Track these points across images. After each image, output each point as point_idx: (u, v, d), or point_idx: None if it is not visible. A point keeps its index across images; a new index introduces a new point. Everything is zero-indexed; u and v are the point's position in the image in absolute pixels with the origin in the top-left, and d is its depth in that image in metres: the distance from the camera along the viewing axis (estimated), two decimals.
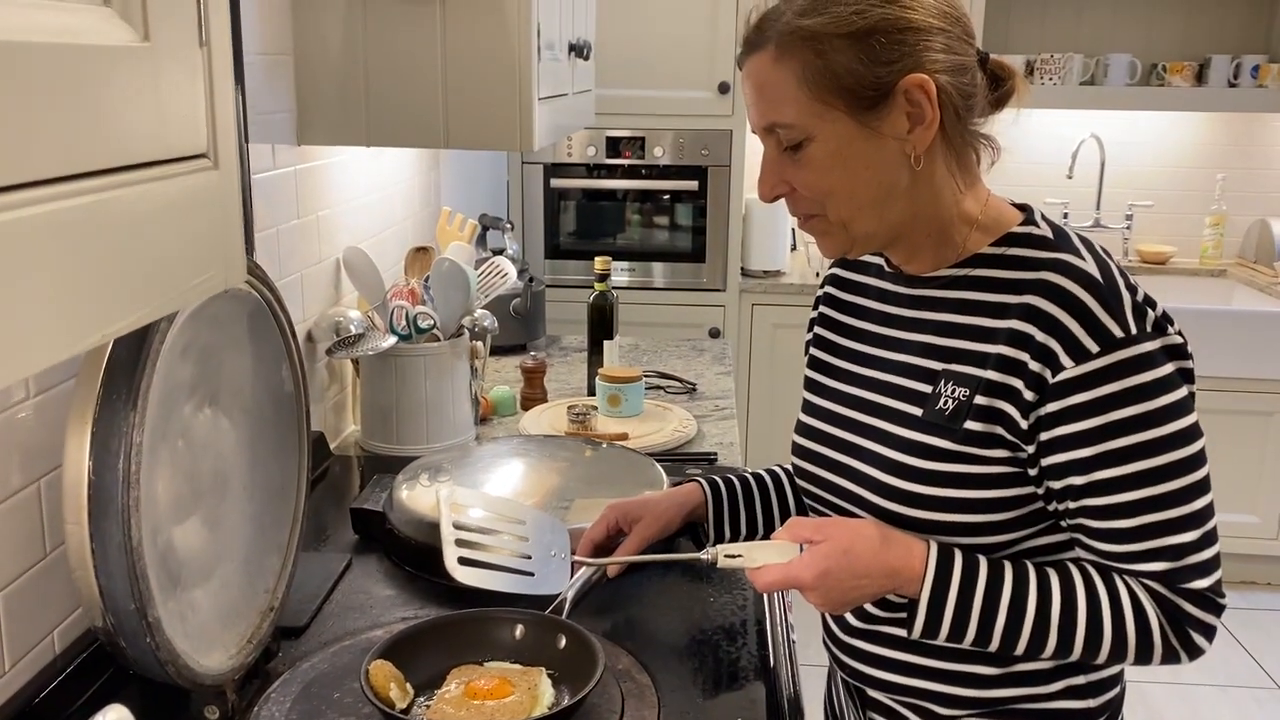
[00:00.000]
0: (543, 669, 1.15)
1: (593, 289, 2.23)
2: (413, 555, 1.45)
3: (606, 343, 2.20)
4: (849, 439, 1.14)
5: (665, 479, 1.57)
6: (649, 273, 3.56)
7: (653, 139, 3.43)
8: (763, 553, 1.09)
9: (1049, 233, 1.07)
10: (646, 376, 2.17)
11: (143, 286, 0.58)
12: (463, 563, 1.24)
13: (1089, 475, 0.99)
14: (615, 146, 3.45)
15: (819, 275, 1.27)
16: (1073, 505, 1.02)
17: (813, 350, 1.24)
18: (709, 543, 1.31)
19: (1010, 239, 1.07)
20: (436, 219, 2.52)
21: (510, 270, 2.14)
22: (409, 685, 1.10)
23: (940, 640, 1.04)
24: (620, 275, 3.51)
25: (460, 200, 2.98)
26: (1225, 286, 3.83)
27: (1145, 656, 1.01)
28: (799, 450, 1.21)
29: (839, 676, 1.26)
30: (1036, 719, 1.10)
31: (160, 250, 0.59)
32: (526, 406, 2.16)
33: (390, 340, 1.82)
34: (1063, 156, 3.73)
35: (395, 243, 2.33)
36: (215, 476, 1.13)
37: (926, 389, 1.08)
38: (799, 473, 1.21)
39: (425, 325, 1.86)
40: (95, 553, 0.92)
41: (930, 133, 1.01)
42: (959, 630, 1.03)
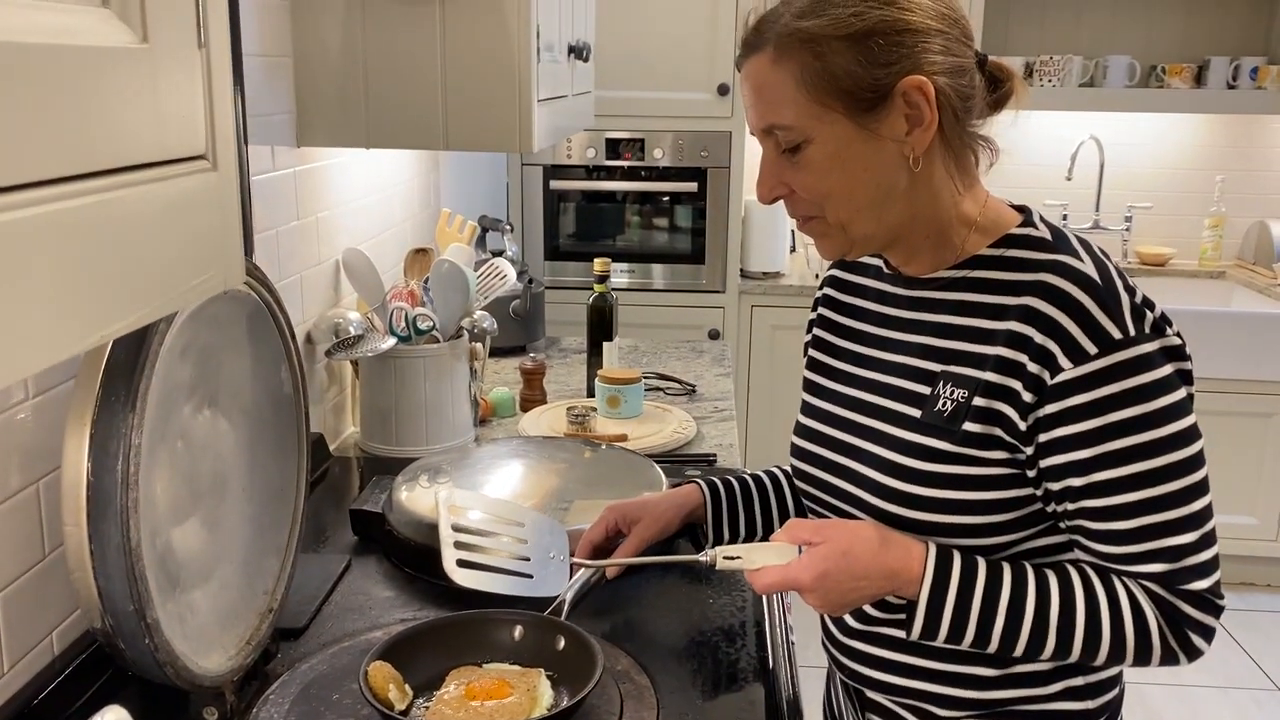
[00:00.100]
0: (542, 670, 1.15)
1: (592, 290, 2.23)
2: (412, 557, 1.45)
3: (606, 344, 2.20)
4: (847, 440, 1.14)
5: (664, 480, 1.57)
6: (648, 274, 3.56)
7: (652, 141, 3.43)
8: (761, 554, 1.09)
9: (1047, 234, 1.07)
10: (646, 378, 2.17)
11: (141, 287, 0.58)
12: (461, 564, 1.23)
13: (1088, 477, 0.99)
14: (615, 148, 3.45)
15: (818, 277, 1.27)
16: (1071, 507, 1.02)
17: (811, 352, 1.24)
18: (708, 544, 1.31)
19: (1009, 240, 1.07)
20: (436, 221, 2.52)
21: (509, 272, 2.13)
22: (408, 686, 1.10)
23: (939, 642, 1.04)
24: (620, 277, 3.51)
25: (460, 202, 2.98)
26: (1224, 288, 3.83)
27: (1144, 658, 1.01)
28: (797, 452, 1.21)
29: (838, 678, 1.26)
30: None
31: (159, 251, 0.59)
32: (526, 408, 2.16)
33: (389, 342, 1.83)
34: (1062, 158, 3.73)
35: (394, 244, 2.33)
36: (214, 478, 1.13)
37: (925, 390, 1.08)
38: (797, 474, 1.21)
39: (424, 327, 1.86)
40: (94, 554, 0.92)
41: (929, 134, 1.01)
42: (957, 632, 1.03)
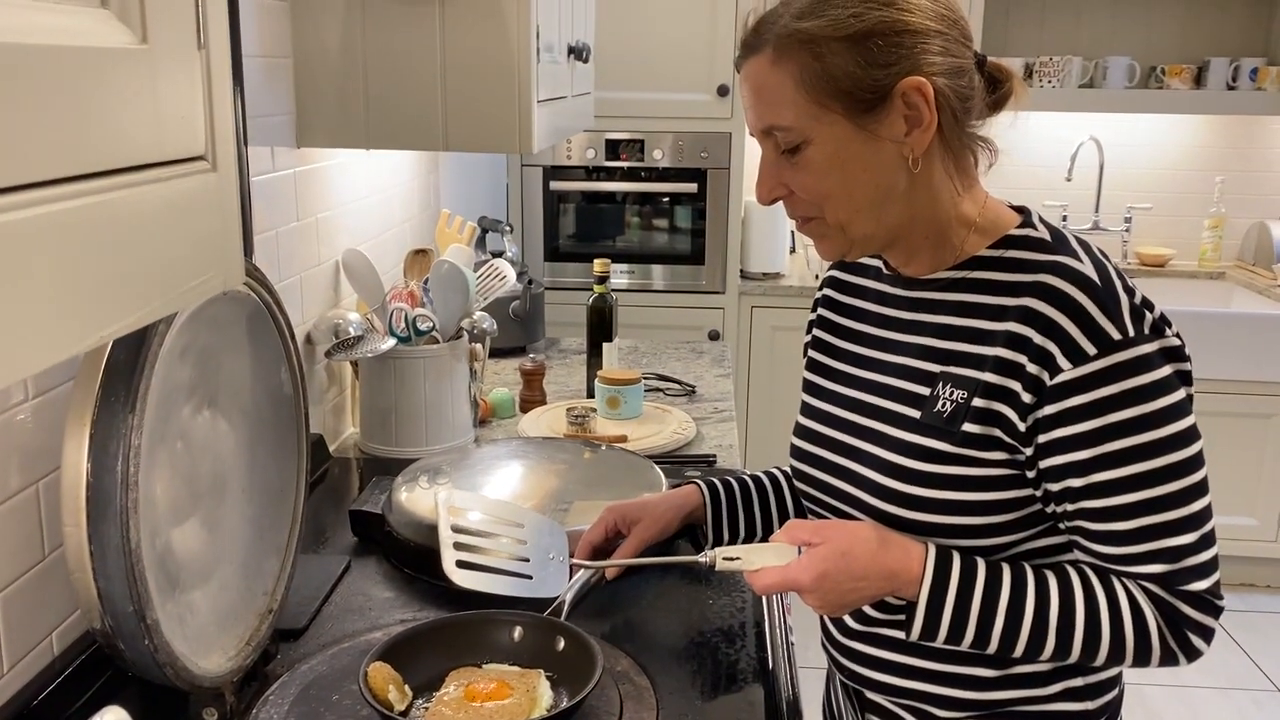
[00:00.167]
0: (541, 671, 1.15)
1: (592, 291, 2.23)
2: (412, 557, 1.45)
3: (606, 345, 2.20)
4: (847, 441, 1.14)
5: (664, 481, 1.57)
6: (648, 275, 3.56)
7: (652, 141, 3.43)
8: (761, 555, 1.09)
9: (1047, 235, 1.07)
10: (646, 379, 2.17)
11: (141, 288, 0.58)
12: (461, 565, 1.23)
13: (1087, 477, 0.99)
14: (614, 149, 3.45)
15: (818, 278, 1.27)
16: (1071, 507, 1.02)
17: (811, 353, 1.24)
18: (707, 545, 1.31)
19: (1008, 241, 1.07)
20: (436, 221, 2.52)
21: (509, 273, 2.14)
22: (407, 687, 1.10)
23: (938, 642, 1.04)
24: (619, 278, 3.51)
25: (459, 203, 2.98)
26: (1224, 289, 3.84)
27: (1143, 658, 1.01)
28: (797, 452, 1.21)
29: (837, 679, 1.26)
30: None
31: (158, 252, 0.59)
32: (525, 409, 2.16)
33: (389, 342, 1.83)
34: (1061, 159, 3.73)
35: (394, 245, 2.33)
36: (214, 479, 1.13)
37: (924, 391, 1.08)
38: (797, 475, 1.21)
39: (424, 327, 1.86)
40: (94, 555, 0.92)
41: (928, 135, 1.02)
42: (957, 632, 1.03)
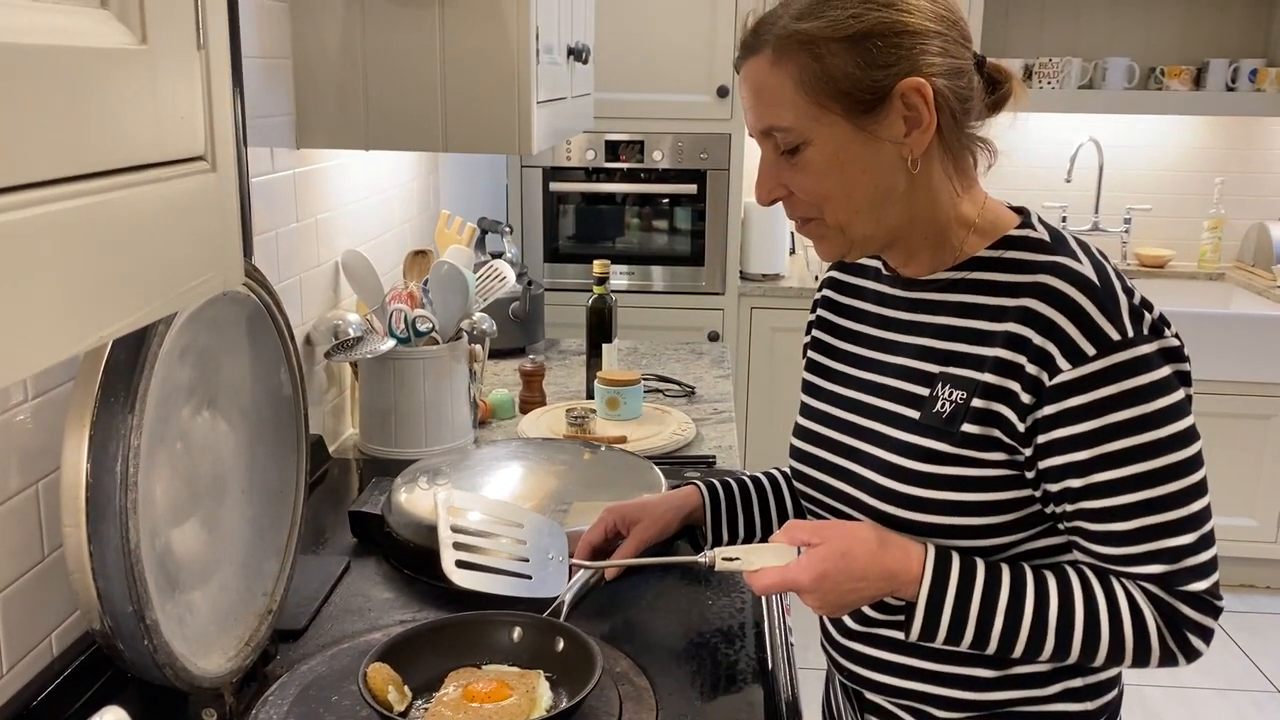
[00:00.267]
0: (541, 672, 1.15)
1: (591, 292, 2.23)
2: (411, 558, 1.45)
3: (605, 346, 2.20)
4: (846, 442, 1.14)
5: (663, 482, 1.57)
6: (648, 276, 3.56)
7: (651, 143, 3.43)
8: (760, 555, 1.09)
9: (1046, 236, 1.07)
10: (645, 380, 2.17)
11: (140, 288, 0.58)
12: (460, 565, 1.23)
13: (1086, 478, 0.99)
14: (614, 150, 3.45)
15: (817, 279, 1.27)
16: (1070, 508, 1.02)
17: (810, 353, 1.24)
18: (707, 545, 1.31)
19: (1007, 242, 1.07)
20: (435, 222, 2.52)
21: (509, 273, 2.14)
22: (407, 688, 1.10)
23: (938, 643, 1.04)
24: (619, 279, 3.51)
25: (459, 204, 2.99)
26: (1224, 290, 3.84)
27: (1143, 659, 1.02)
28: (796, 453, 1.21)
29: (837, 679, 1.26)
30: None
31: (158, 252, 0.60)
32: (525, 410, 2.16)
33: (389, 343, 1.83)
34: (1061, 160, 3.73)
35: (394, 246, 2.34)
36: (213, 479, 1.13)
37: (924, 392, 1.08)
38: (796, 475, 1.21)
39: (424, 328, 1.86)
40: (93, 555, 0.92)
41: (927, 136, 1.02)
42: (956, 633, 1.03)
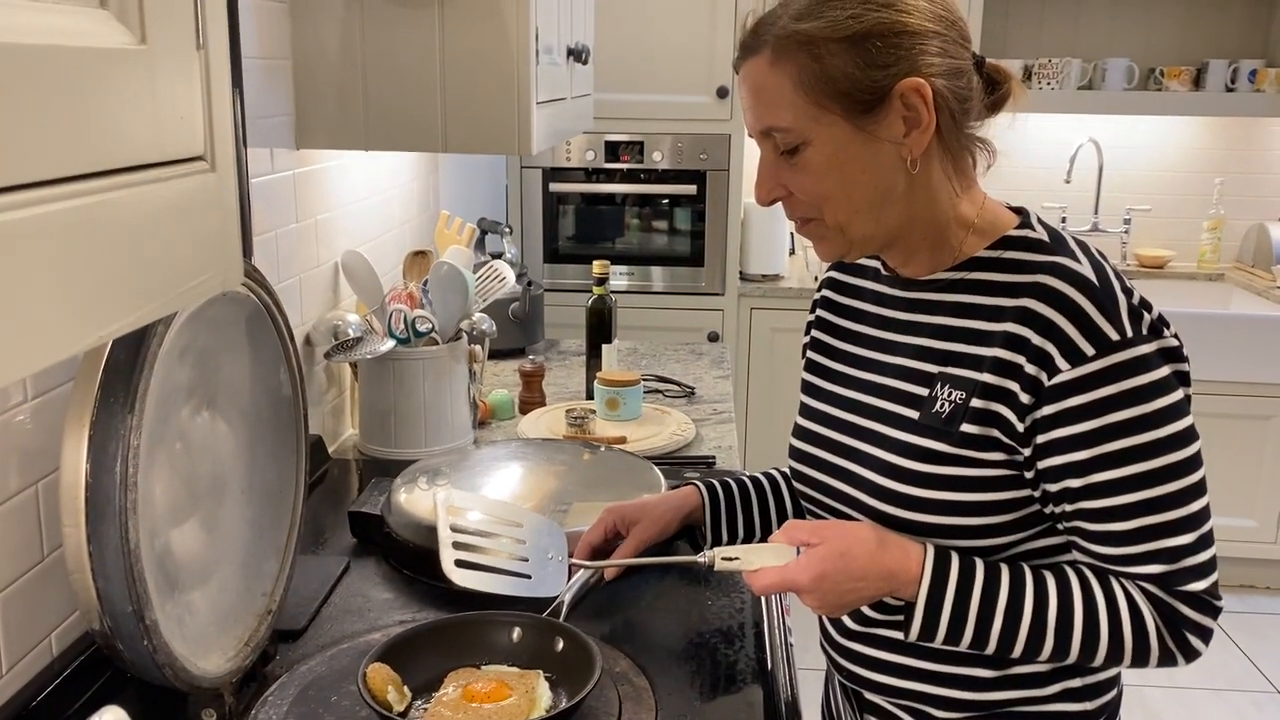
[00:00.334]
0: (540, 672, 1.15)
1: (591, 293, 2.23)
2: (411, 558, 1.45)
3: (605, 346, 2.20)
4: (845, 442, 1.14)
5: (663, 482, 1.57)
6: (648, 277, 3.56)
7: (651, 143, 3.43)
8: (759, 555, 1.09)
9: (1045, 236, 1.07)
10: (645, 380, 2.17)
11: (140, 288, 0.58)
12: (460, 565, 1.23)
13: (1085, 478, 0.99)
14: (614, 151, 3.45)
15: (817, 279, 1.27)
16: (1069, 508, 1.02)
17: (809, 354, 1.24)
18: (706, 546, 1.31)
19: (1006, 242, 1.07)
20: (435, 223, 2.52)
21: (509, 274, 2.14)
22: (406, 688, 1.10)
23: (937, 643, 1.04)
24: (619, 279, 3.51)
25: (459, 204, 2.99)
26: (1223, 291, 3.84)
27: (1142, 659, 1.02)
28: (795, 453, 1.21)
29: (836, 679, 1.26)
30: None
31: (157, 252, 0.60)
32: (525, 410, 2.16)
33: (388, 344, 1.83)
34: (1061, 161, 3.73)
35: (394, 246, 2.34)
36: (213, 479, 1.13)
37: (923, 392, 1.08)
38: (796, 476, 1.21)
39: (423, 329, 1.86)
40: (93, 555, 0.92)
41: (926, 136, 1.02)
42: (955, 633, 1.03)
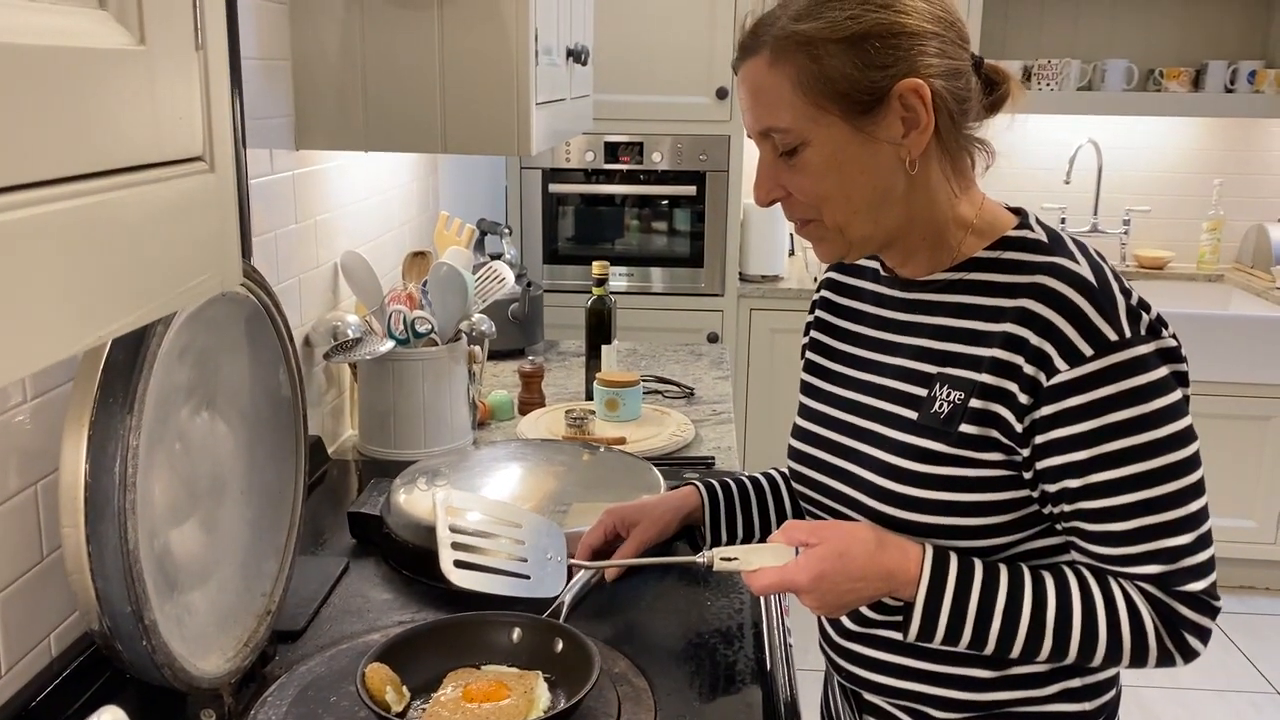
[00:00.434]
0: (539, 672, 1.15)
1: (591, 294, 2.23)
2: (410, 559, 1.45)
3: (604, 347, 2.20)
4: (844, 442, 1.14)
5: (662, 483, 1.57)
6: (647, 278, 3.56)
7: (651, 144, 3.44)
8: (759, 556, 1.09)
9: (1043, 236, 1.07)
10: (644, 381, 2.17)
11: (139, 288, 0.58)
12: (459, 566, 1.23)
13: (1084, 478, 0.99)
14: (614, 152, 3.45)
15: (816, 280, 1.28)
16: (1068, 508, 1.02)
17: (808, 354, 1.25)
18: (706, 546, 1.31)
19: (1005, 243, 1.07)
20: (434, 224, 2.52)
21: (508, 275, 2.14)
22: (405, 688, 1.10)
23: (936, 643, 1.04)
24: (618, 280, 3.51)
25: (458, 205, 2.99)
26: (1222, 291, 3.84)
27: (1140, 659, 1.02)
28: (794, 454, 1.21)
29: (835, 680, 1.26)
30: None
31: (156, 252, 0.60)
32: (524, 411, 2.16)
33: (388, 344, 1.83)
34: (1060, 162, 3.74)
35: (393, 247, 2.34)
36: (212, 480, 1.13)
37: (921, 392, 1.08)
38: (795, 476, 1.21)
39: (423, 330, 1.86)
40: (92, 556, 0.92)
41: (925, 137, 1.02)
42: (954, 633, 1.03)
